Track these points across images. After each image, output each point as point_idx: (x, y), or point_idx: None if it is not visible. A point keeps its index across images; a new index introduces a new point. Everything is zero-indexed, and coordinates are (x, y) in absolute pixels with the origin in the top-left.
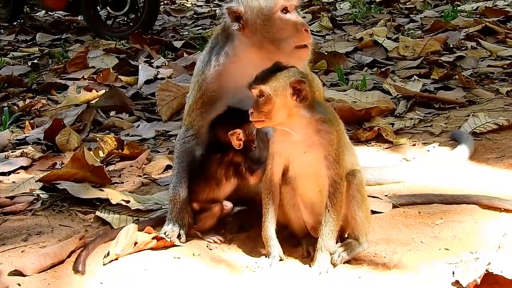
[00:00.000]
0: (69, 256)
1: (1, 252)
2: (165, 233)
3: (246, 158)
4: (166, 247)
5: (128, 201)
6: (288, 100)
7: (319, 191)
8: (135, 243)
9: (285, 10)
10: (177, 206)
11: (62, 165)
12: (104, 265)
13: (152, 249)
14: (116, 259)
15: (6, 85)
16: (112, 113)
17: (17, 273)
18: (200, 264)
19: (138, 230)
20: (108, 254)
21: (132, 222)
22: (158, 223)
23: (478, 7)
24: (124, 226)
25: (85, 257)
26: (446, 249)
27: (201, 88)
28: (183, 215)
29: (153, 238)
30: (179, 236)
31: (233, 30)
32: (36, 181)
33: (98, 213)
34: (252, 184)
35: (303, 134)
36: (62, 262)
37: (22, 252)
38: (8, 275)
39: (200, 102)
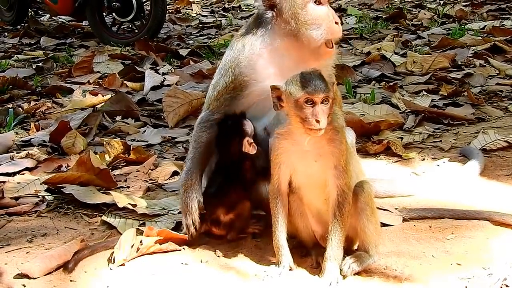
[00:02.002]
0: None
1: (6, 252)
2: (181, 229)
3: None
4: (169, 251)
5: (135, 205)
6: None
7: (325, 200)
8: (138, 249)
9: (318, 1)
10: (189, 193)
11: (68, 168)
12: (111, 269)
13: (156, 253)
14: (123, 264)
15: (10, 87)
16: (118, 118)
17: (22, 275)
18: (208, 271)
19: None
20: (114, 259)
21: (138, 227)
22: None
23: (485, 26)
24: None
25: (79, 259)
26: (458, 264)
27: (234, 72)
28: (194, 202)
29: (156, 242)
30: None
31: (266, 18)
32: (41, 183)
33: (104, 217)
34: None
35: (315, 143)
36: (67, 263)
37: (27, 253)
38: (13, 278)
39: (232, 87)
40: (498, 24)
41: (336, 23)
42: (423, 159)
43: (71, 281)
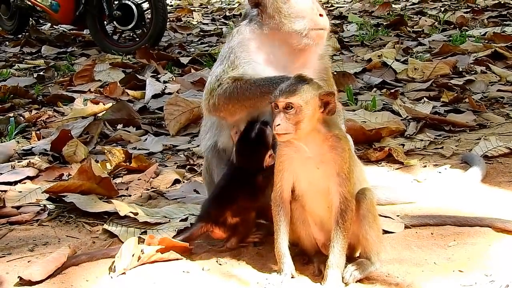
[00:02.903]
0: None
1: (7, 261)
2: None
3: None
4: (171, 260)
5: (136, 213)
6: (316, 112)
7: (327, 208)
8: (139, 257)
9: None
10: None
11: (69, 176)
12: (111, 278)
13: (157, 261)
14: (124, 273)
15: (12, 96)
16: (119, 126)
17: (23, 283)
18: (209, 279)
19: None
20: (114, 268)
21: (140, 235)
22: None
23: (486, 32)
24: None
25: (77, 263)
26: (460, 271)
27: (229, 58)
28: None
29: (157, 251)
30: None
31: (252, 16)
32: (42, 192)
33: (106, 226)
34: None
35: (317, 150)
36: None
37: (28, 262)
38: (14, 286)
39: (233, 66)
40: (499, 31)
41: (321, 15)
42: (425, 166)
43: None
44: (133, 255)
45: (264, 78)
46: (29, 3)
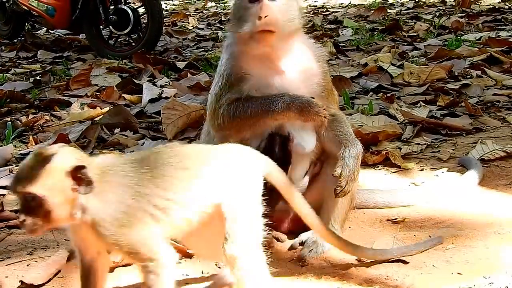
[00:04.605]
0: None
1: (7, 265)
2: None
3: None
4: None
5: None
6: (70, 193)
7: None
8: None
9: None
10: None
11: None
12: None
13: None
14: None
15: (8, 100)
16: (117, 130)
17: (24, 286)
18: (209, 283)
19: None
20: (113, 270)
21: None
22: None
23: (481, 37)
24: None
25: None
26: (459, 273)
27: (223, 75)
28: None
29: None
30: None
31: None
32: None
33: None
34: None
35: None
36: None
37: (27, 266)
38: None
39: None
40: (494, 35)
41: (260, 18)
42: (422, 170)
43: None
44: None
45: (262, 96)
46: (25, 7)
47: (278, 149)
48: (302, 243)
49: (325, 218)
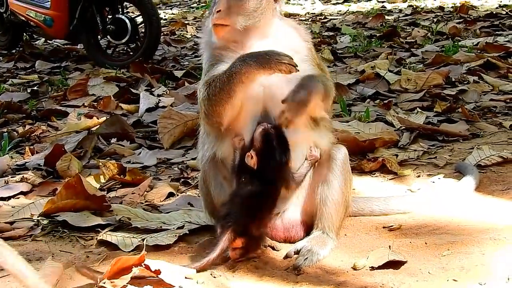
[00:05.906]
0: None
1: (1, 277)
2: None
3: None
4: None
5: (129, 219)
6: None
7: None
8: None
9: None
10: None
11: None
12: None
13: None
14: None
15: (5, 111)
16: (113, 140)
17: None
18: None
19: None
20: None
21: (138, 243)
22: None
23: (478, 42)
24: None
25: None
26: (454, 280)
27: (204, 64)
28: None
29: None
30: None
31: None
32: (38, 216)
33: (101, 236)
34: None
35: None
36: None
37: None
38: None
39: (205, 73)
40: (491, 41)
41: (218, 11)
42: (419, 176)
43: None
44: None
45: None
46: (23, 18)
47: (276, 140)
48: (297, 252)
49: (319, 225)
